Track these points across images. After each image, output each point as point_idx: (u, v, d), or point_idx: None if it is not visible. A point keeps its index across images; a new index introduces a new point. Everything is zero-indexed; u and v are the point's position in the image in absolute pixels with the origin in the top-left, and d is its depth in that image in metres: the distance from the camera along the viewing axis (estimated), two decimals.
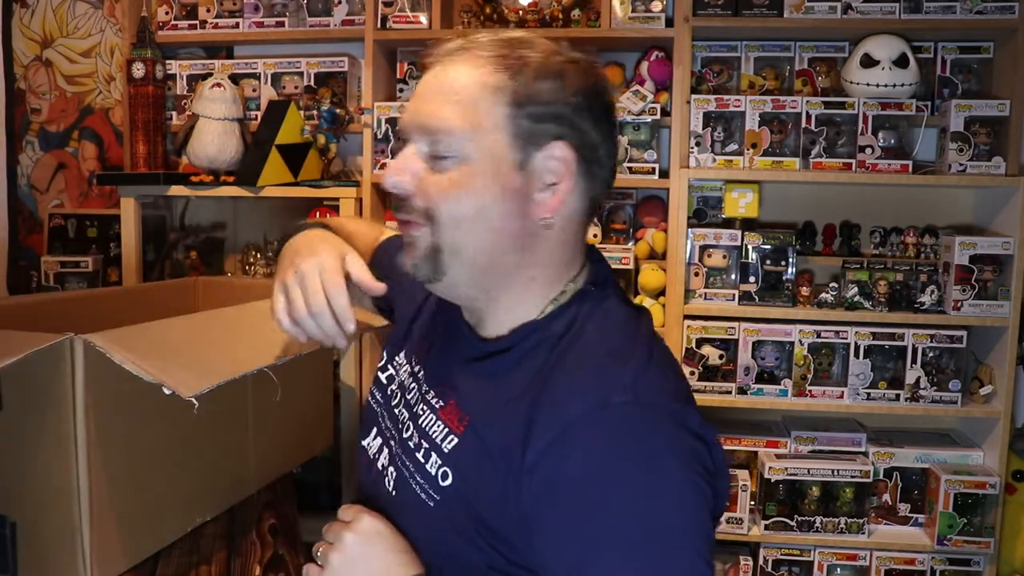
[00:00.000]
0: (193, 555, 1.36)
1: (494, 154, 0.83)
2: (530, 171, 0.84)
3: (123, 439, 1.21)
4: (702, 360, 2.22)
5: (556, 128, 0.84)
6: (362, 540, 0.87)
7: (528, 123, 0.83)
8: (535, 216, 0.85)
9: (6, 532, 1.14)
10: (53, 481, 1.13)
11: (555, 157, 0.84)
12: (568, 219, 0.88)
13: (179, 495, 1.37)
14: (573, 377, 0.80)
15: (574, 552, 0.73)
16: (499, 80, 0.83)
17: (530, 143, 0.83)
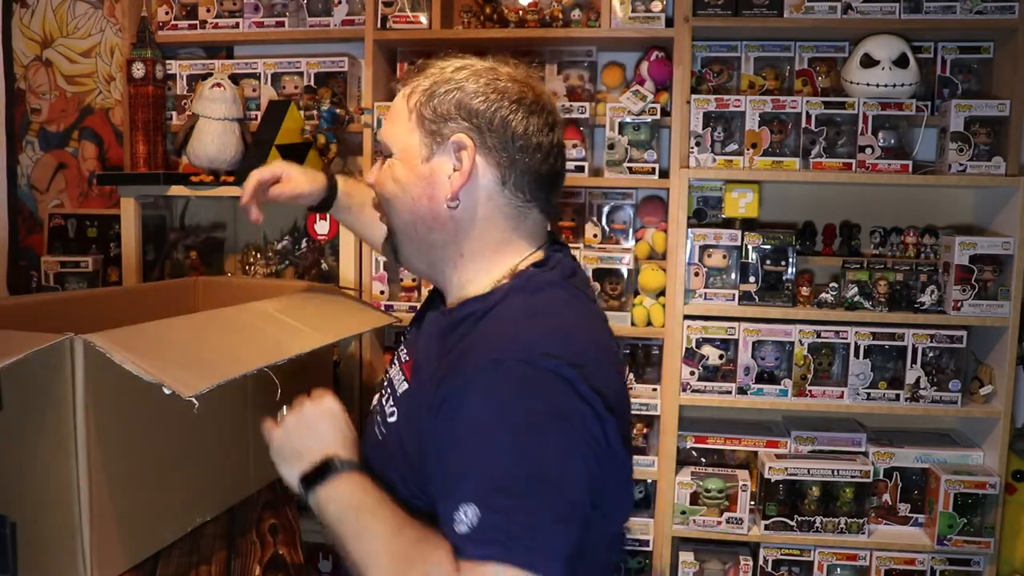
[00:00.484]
0: (193, 555, 1.36)
1: (409, 151, 1.04)
2: (437, 162, 1.02)
3: (123, 439, 1.21)
4: (702, 360, 2.22)
5: (456, 125, 1.01)
6: (317, 412, 1.07)
7: (431, 123, 1.02)
8: (441, 197, 1.02)
9: (6, 532, 1.14)
10: (53, 481, 1.13)
11: (456, 148, 1.01)
12: (484, 201, 1.03)
13: (179, 495, 1.37)
14: (485, 338, 0.94)
15: (453, 475, 0.87)
16: (415, 97, 1.04)
17: (435, 140, 1.02)
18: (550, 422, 0.86)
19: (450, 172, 1.01)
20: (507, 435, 0.85)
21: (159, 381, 1.05)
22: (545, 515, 0.82)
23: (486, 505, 0.83)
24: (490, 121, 1.00)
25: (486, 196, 1.03)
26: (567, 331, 0.95)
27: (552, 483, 0.84)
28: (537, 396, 0.87)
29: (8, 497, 1.15)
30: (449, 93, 1.01)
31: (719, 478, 2.24)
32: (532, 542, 0.81)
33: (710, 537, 2.27)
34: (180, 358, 1.15)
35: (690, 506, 2.23)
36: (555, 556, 0.82)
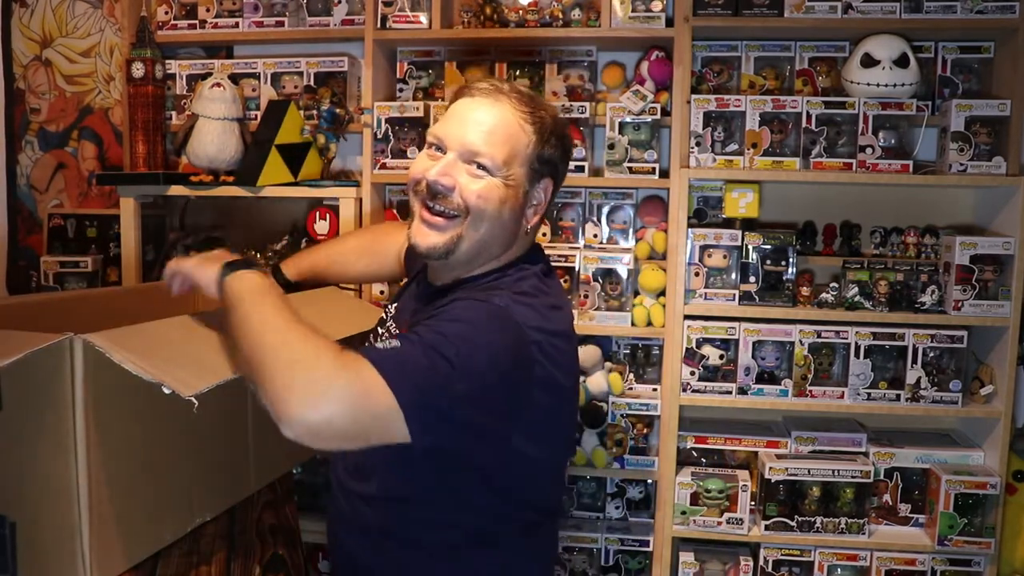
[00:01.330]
0: (193, 555, 1.35)
1: (517, 181, 1.23)
2: (529, 196, 1.26)
3: (123, 439, 1.20)
4: (702, 360, 2.22)
5: (550, 170, 1.28)
6: None
7: (538, 165, 1.25)
8: (523, 225, 1.28)
9: (6, 532, 1.14)
10: (53, 481, 1.13)
11: (544, 190, 1.28)
12: (534, 227, 1.30)
13: (179, 495, 1.36)
14: (476, 291, 1.21)
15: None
16: (530, 131, 1.23)
17: (535, 177, 1.26)
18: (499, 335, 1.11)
19: (533, 203, 1.27)
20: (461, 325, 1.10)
21: (159, 381, 1.05)
22: (436, 379, 1.04)
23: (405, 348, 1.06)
24: (562, 175, 1.32)
25: (536, 224, 1.31)
26: (543, 305, 1.20)
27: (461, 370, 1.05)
28: (502, 327, 1.12)
29: (8, 497, 1.14)
30: (554, 146, 1.26)
31: (719, 478, 2.23)
32: (408, 374, 1.03)
33: (710, 537, 2.27)
34: (180, 358, 1.14)
35: (690, 506, 2.23)
36: (418, 401, 1.02)
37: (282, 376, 0.99)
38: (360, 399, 1.00)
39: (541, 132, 1.24)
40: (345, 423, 0.99)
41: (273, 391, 0.99)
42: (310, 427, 0.97)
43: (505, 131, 1.21)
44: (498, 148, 1.20)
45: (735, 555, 2.29)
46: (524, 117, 1.23)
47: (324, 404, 0.98)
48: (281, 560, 1.50)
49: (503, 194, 1.21)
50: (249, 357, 1.05)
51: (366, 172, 2.35)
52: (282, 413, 0.98)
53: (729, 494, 2.22)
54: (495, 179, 1.20)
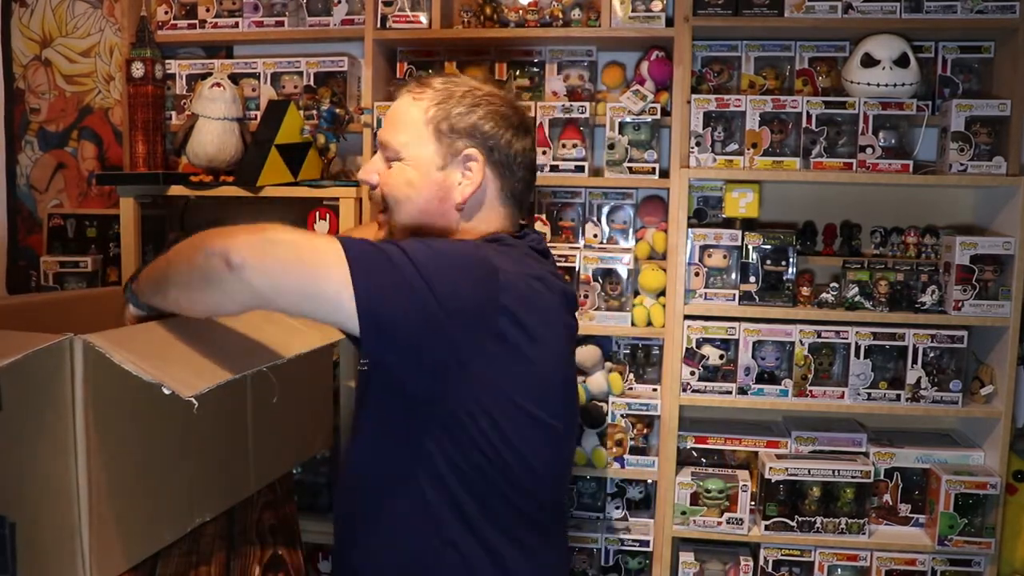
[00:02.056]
0: (192, 555, 1.35)
1: (422, 159, 1.24)
2: (450, 171, 1.24)
3: (122, 439, 1.20)
4: (702, 360, 2.22)
5: (469, 141, 1.24)
6: None
7: (451, 137, 1.23)
8: (451, 202, 1.25)
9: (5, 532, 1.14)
10: (52, 481, 1.13)
11: (475, 161, 1.24)
12: (485, 204, 1.27)
13: (179, 495, 1.36)
14: None
15: None
16: (422, 106, 1.24)
17: (450, 152, 1.24)
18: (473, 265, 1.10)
19: (460, 180, 1.24)
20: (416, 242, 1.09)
21: (158, 381, 1.05)
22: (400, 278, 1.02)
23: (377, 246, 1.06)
24: (497, 140, 1.25)
25: (488, 201, 1.27)
26: (515, 259, 1.18)
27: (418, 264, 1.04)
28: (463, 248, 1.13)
29: (8, 497, 1.14)
30: (465, 114, 1.23)
31: (719, 478, 2.23)
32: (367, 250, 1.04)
33: (710, 537, 2.27)
34: (180, 358, 1.14)
35: (690, 506, 2.23)
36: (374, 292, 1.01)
37: (227, 230, 1.04)
38: (308, 236, 1.06)
39: (441, 102, 1.24)
40: (287, 245, 1.02)
41: (218, 238, 1.03)
42: (253, 244, 1.01)
43: (399, 116, 1.26)
44: (394, 133, 1.25)
45: (735, 555, 2.29)
46: (417, 95, 1.26)
47: (272, 231, 1.03)
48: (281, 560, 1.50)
49: (409, 176, 1.24)
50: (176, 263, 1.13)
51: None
52: (228, 243, 1.01)
53: (729, 494, 2.22)
54: (402, 164, 1.24)
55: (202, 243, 1.04)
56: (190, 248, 1.08)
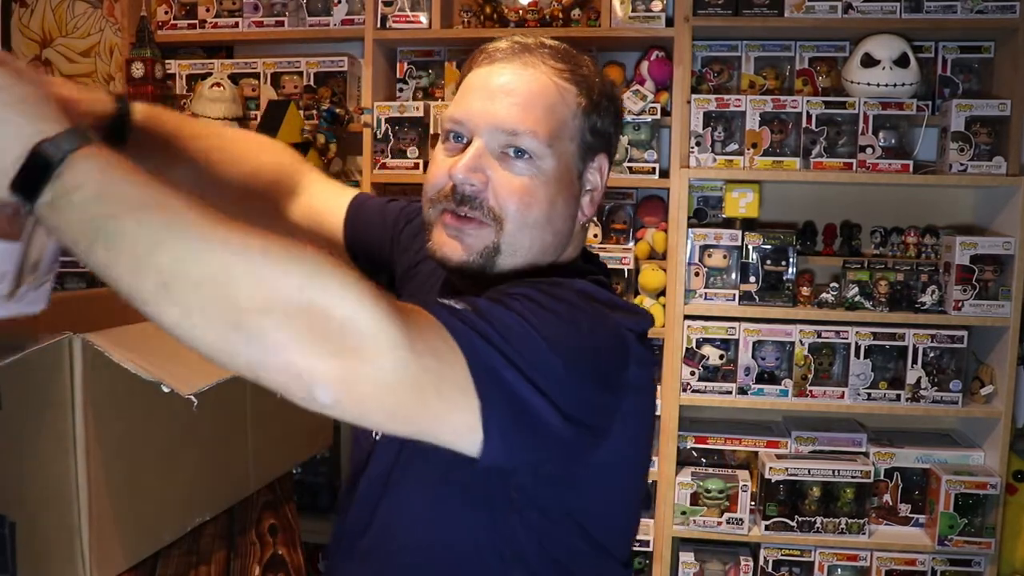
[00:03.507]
0: (192, 555, 1.35)
1: (567, 163, 0.90)
2: (584, 180, 0.93)
3: (122, 438, 1.20)
4: (702, 360, 2.22)
5: (603, 143, 0.93)
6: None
7: (591, 138, 0.91)
8: (580, 220, 0.94)
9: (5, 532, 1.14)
10: (52, 481, 1.13)
11: (599, 170, 0.94)
12: (590, 216, 0.97)
13: (178, 495, 1.36)
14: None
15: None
16: (574, 94, 0.90)
17: (587, 155, 0.92)
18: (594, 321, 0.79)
19: (588, 189, 0.94)
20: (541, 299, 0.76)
21: (158, 379, 1.05)
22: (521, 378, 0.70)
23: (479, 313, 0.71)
24: (615, 151, 0.99)
25: (592, 212, 0.97)
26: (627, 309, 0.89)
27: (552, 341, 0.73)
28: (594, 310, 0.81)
29: (7, 497, 1.14)
30: (605, 111, 0.93)
31: (719, 478, 2.23)
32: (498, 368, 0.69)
33: (710, 537, 2.27)
34: (179, 357, 1.14)
35: (690, 506, 2.23)
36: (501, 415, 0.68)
37: (303, 325, 0.58)
38: (426, 357, 0.64)
39: (589, 94, 0.91)
40: (402, 389, 0.63)
41: (290, 346, 0.58)
42: (352, 387, 0.61)
43: (544, 99, 0.88)
44: (540, 122, 0.87)
45: (735, 555, 2.29)
46: (564, 77, 0.90)
47: (379, 360, 0.61)
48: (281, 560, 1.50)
49: (553, 186, 0.88)
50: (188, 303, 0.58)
51: (366, 172, 2.35)
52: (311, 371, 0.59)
53: (729, 494, 2.22)
54: (541, 165, 0.87)
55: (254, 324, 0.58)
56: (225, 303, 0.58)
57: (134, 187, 0.60)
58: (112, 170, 0.61)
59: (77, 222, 0.60)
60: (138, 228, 0.58)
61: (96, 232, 0.59)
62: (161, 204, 0.60)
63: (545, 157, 0.88)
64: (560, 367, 0.73)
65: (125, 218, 0.59)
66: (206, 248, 0.59)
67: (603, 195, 0.96)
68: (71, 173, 0.60)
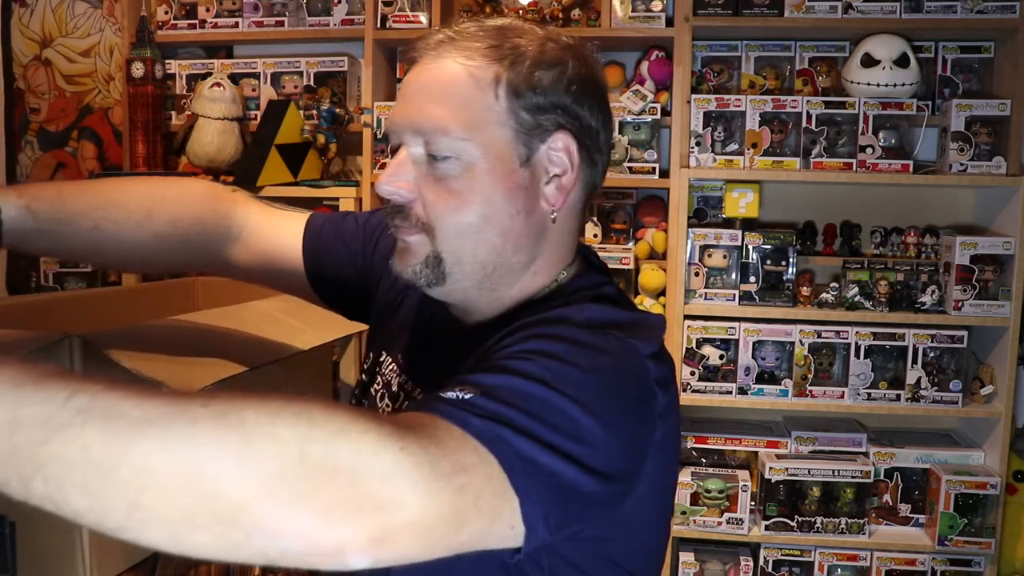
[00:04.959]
0: None
1: (497, 152, 0.79)
2: (535, 165, 0.81)
3: None
4: (702, 360, 2.22)
5: (558, 118, 0.80)
6: None
7: (529, 116, 0.79)
8: (542, 212, 0.82)
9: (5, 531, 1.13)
10: None
11: (559, 148, 0.81)
12: (570, 209, 0.85)
13: None
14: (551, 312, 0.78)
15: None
16: (495, 72, 0.78)
17: (533, 136, 0.80)
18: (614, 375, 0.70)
19: (548, 178, 0.82)
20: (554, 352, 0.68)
21: (158, 379, 1.04)
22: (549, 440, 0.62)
23: (488, 395, 0.62)
24: (590, 112, 0.82)
25: (573, 205, 0.85)
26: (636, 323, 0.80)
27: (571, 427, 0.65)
28: (608, 343, 0.72)
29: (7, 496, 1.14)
30: (550, 80, 0.79)
31: (719, 478, 2.23)
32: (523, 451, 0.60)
33: (710, 537, 2.27)
34: (179, 357, 1.14)
35: (690, 506, 2.23)
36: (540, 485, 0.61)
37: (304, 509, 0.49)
38: (455, 477, 0.56)
39: (517, 67, 0.78)
40: (439, 522, 0.55)
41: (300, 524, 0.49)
42: (387, 539, 0.52)
43: (452, 88, 0.79)
44: (449, 116, 0.78)
45: (735, 555, 2.28)
46: (481, 57, 0.79)
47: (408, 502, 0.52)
48: None
49: (484, 181, 0.79)
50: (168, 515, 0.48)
51: (366, 172, 2.35)
52: (339, 543, 0.50)
53: (729, 494, 2.22)
54: (465, 161, 0.78)
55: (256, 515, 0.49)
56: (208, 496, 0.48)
57: (49, 401, 0.48)
58: (17, 386, 0.48)
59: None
60: (79, 446, 0.47)
61: (26, 464, 0.50)
62: (92, 409, 0.48)
63: (467, 152, 0.78)
64: (590, 426, 0.65)
65: (59, 438, 0.47)
66: (171, 446, 0.48)
67: (587, 180, 0.84)
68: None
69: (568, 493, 0.64)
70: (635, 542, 0.82)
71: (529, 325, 0.75)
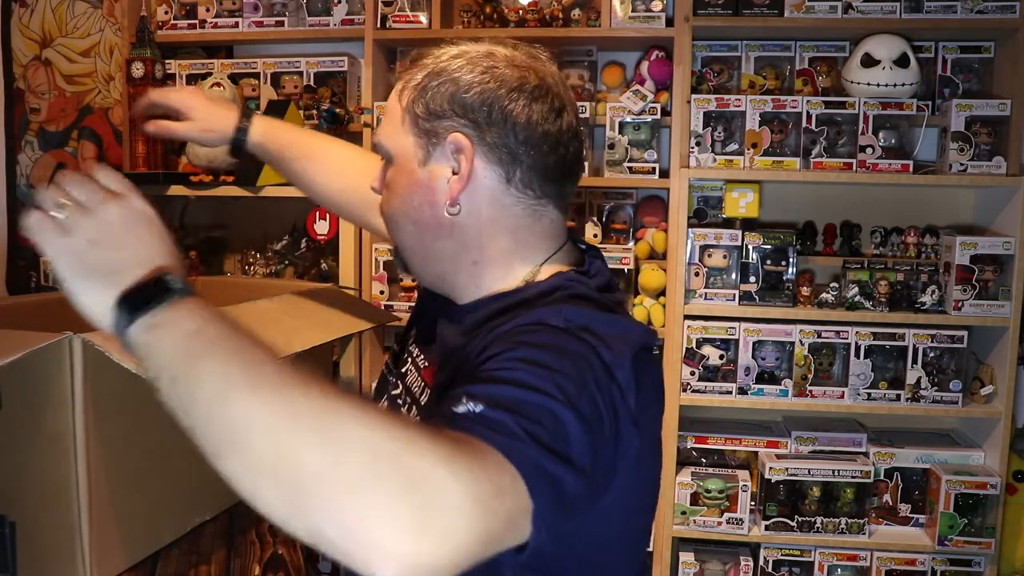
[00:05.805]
0: (192, 555, 1.35)
1: (404, 156, 0.94)
2: (434, 166, 0.92)
3: (122, 438, 1.20)
4: (702, 360, 2.22)
5: (451, 122, 0.90)
6: (128, 218, 0.74)
7: (425, 122, 0.91)
8: (441, 204, 0.91)
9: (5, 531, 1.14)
10: (52, 480, 1.13)
11: (454, 150, 0.90)
12: (488, 204, 0.92)
13: (178, 494, 1.36)
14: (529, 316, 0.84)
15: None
16: (407, 94, 0.94)
17: (431, 141, 0.92)
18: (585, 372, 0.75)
19: (448, 176, 0.91)
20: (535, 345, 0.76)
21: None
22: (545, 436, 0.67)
23: (494, 405, 0.68)
24: (488, 114, 0.89)
25: (490, 198, 0.92)
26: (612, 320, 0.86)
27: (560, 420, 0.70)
28: (574, 347, 0.78)
29: (7, 496, 1.14)
30: (442, 86, 0.90)
31: (719, 478, 2.23)
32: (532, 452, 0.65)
33: (710, 537, 2.27)
34: None
35: (690, 506, 2.23)
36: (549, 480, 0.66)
37: (368, 506, 0.55)
38: (493, 500, 0.60)
39: (419, 80, 0.92)
40: (479, 540, 0.58)
41: (356, 529, 0.55)
42: (436, 565, 0.56)
43: (388, 107, 0.98)
44: (383, 129, 0.97)
45: (735, 555, 2.29)
46: (406, 78, 0.95)
47: (455, 525, 0.56)
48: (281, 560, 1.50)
49: (402, 180, 0.94)
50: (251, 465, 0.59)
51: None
52: (383, 559, 0.55)
53: (729, 494, 2.22)
54: (394, 165, 0.96)
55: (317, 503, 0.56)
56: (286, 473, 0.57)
57: (228, 341, 0.65)
58: (215, 321, 0.67)
59: (169, 351, 0.65)
60: (220, 377, 0.62)
61: (183, 366, 0.64)
62: (248, 362, 0.63)
63: (393, 157, 0.96)
64: (576, 428, 0.70)
65: (213, 362, 0.63)
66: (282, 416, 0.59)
67: (471, 176, 0.90)
68: (183, 306, 0.68)
69: (565, 494, 0.68)
70: (610, 532, 0.89)
71: (511, 333, 0.81)
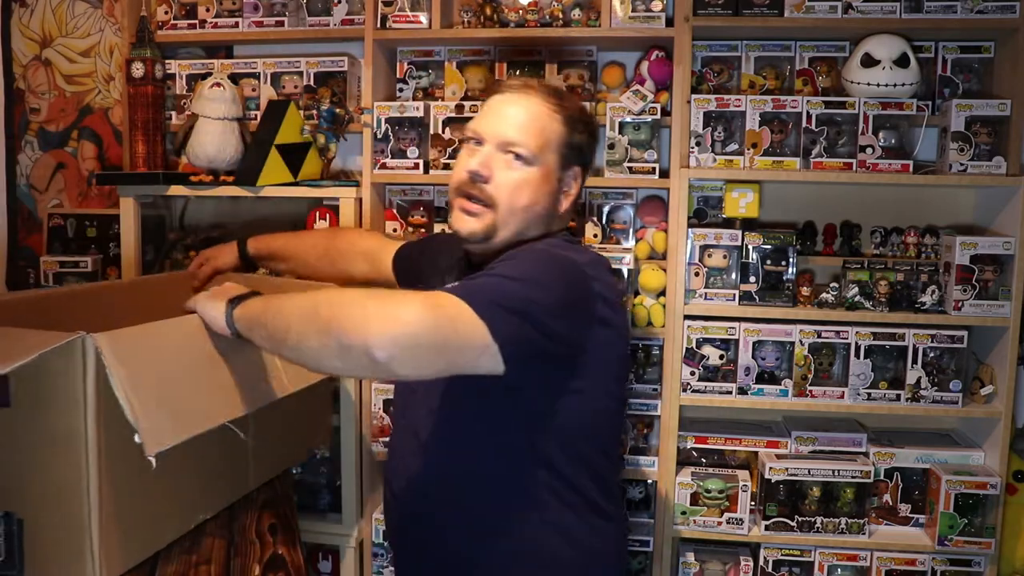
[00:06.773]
0: (193, 554, 1.35)
1: (549, 167, 1.39)
2: (561, 180, 1.42)
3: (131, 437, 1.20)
4: (702, 360, 2.22)
5: (578, 157, 1.44)
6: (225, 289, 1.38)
7: (568, 153, 1.41)
8: (558, 209, 1.44)
9: (14, 528, 1.14)
10: (61, 479, 1.13)
11: (574, 176, 1.45)
12: (567, 212, 1.48)
13: (182, 492, 1.36)
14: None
15: None
16: (559, 120, 1.39)
17: (565, 164, 1.42)
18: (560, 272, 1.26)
19: (565, 190, 1.44)
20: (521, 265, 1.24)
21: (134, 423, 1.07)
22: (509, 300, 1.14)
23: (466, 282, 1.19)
24: (590, 159, 1.49)
25: (572, 202, 1.47)
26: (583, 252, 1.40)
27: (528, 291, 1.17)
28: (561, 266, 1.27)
29: (16, 494, 1.14)
30: (582, 133, 1.42)
31: (719, 478, 2.23)
32: (492, 298, 1.12)
33: (710, 537, 2.27)
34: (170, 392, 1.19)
35: (690, 506, 2.23)
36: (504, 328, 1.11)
37: (354, 311, 1.04)
38: (438, 309, 1.06)
39: (569, 120, 1.39)
40: (428, 332, 1.04)
41: (350, 325, 1.03)
42: (396, 339, 1.01)
43: (537, 122, 1.36)
44: (532, 137, 1.35)
45: (735, 555, 2.29)
46: (553, 108, 1.38)
47: (406, 315, 1.03)
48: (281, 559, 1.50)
49: (537, 183, 1.36)
50: (300, 333, 1.10)
51: (366, 172, 2.35)
52: (366, 336, 1.01)
53: (729, 494, 2.22)
54: (531, 168, 1.35)
55: (331, 325, 1.06)
56: (314, 323, 1.08)
57: (268, 309, 1.22)
58: (259, 304, 1.26)
59: (254, 323, 1.24)
60: (275, 324, 1.18)
61: (261, 327, 1.22)
62: (281, 307, 1.18)
63: (534, 162, 1.36)
64: (539, 295, 1.18)
65: (268, 320, 1.20)
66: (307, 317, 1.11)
67: (578, 198, 1.48)
68: (248, 305, 1.27)
69: (529, 342, 1.15)
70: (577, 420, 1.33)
71: (505, 257, 1.29)
